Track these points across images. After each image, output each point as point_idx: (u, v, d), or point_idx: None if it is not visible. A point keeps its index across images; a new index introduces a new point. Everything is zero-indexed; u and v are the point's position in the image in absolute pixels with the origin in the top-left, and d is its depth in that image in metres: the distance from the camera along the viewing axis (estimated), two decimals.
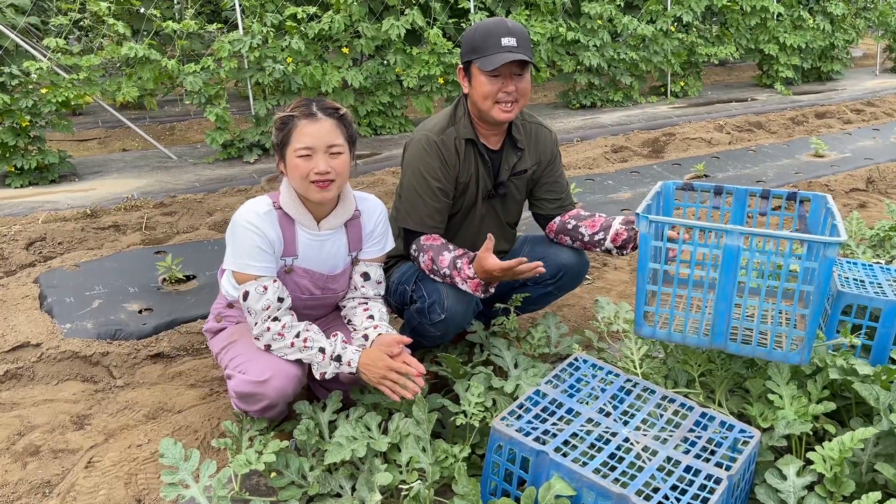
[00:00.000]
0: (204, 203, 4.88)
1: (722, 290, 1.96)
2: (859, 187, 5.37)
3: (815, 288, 1.86)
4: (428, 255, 2.38)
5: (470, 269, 2.32)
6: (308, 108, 2.11)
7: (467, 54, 2.37)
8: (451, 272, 2.35)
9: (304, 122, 2.08)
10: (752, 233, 1.90)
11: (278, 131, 2.12)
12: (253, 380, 2.10)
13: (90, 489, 2.17)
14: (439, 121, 2.48)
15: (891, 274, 2.66)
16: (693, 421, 1.90)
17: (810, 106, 8.24)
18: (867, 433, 1.75)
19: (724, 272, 1.94)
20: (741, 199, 2.45)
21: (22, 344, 2.88)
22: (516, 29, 2.33)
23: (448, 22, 6.86)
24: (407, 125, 6.94)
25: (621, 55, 7.89)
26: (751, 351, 2.01)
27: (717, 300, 1.97)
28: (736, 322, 2.00)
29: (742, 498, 1.84)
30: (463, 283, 2.34)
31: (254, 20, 5.77)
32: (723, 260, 1.93)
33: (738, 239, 1.90)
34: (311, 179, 2.09)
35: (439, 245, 2.40)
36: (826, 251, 1.81)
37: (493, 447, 1.85)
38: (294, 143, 2.09)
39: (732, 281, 1.94)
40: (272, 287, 2.12)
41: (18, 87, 5.00)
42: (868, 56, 12.73)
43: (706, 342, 2.04)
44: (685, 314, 2.07)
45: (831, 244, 1.80)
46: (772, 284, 2.00)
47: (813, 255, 1.87)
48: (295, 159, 2.09)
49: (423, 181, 2.41)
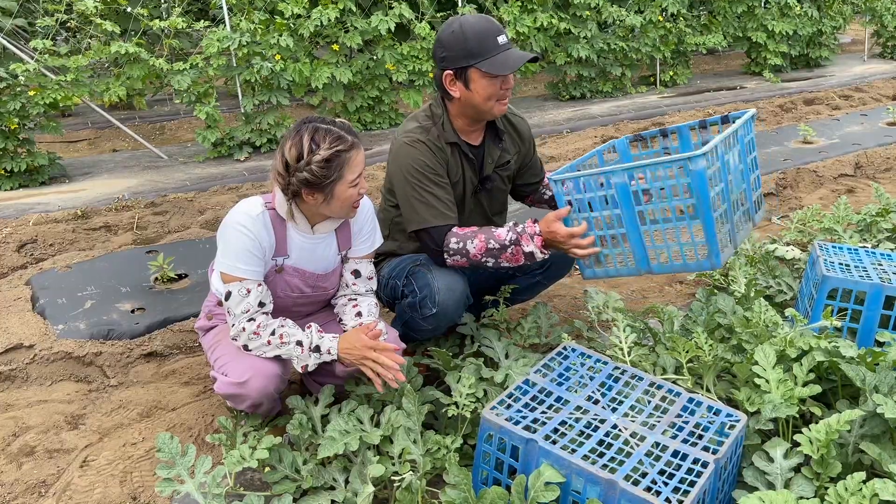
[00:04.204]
0: (195, 202, 4.88)
1: (628, 223, 2.21)
2: (847, 173, 5.40)
3: (696, 198, 2.07)
4: (479, 239, 2.32)
5: (536, 227, 2.30)
6: (347, 139, 2.07)
7: (463, 59, 2.29)
8: (514, 238, 2.30)
9: (353, 154, 2.10)
10: (631, 167, 2.14)
11: (324, 170, 2.04)
12: (233, 381, 2.12)
13: (86, 488, 2.18)
14: (419, 124, 2.43)
15: (876, 258, 2.69)
16: (680, 406, 1.93)
17: (799, 93, 8.27)
18: (853, 415, 1.78)
19: (624, 206, 2.19)
20: (686, 136, 2.57)
21: (15, 346, 2.88)
22: (498, 23, 2.33)
23: (436, 15, 6.85)
24: (397, 119, 6.94)
25: (611, 45, 7.91)
26: (670, 268, 2.26)
27: (628, 232, 2.22)
28: (652, 248, 2.24)
29: (730, 481, 1.86)
30: (528, 243, 2.29)
31: (241, 17, 5.76)
32: (619, 196, 2.17)
33: (622, 176, 2.15)
34: (355, 203, 2.17)
35: (482, 228, 2.37)
36: (691, 165, 2.02)
37: (484, 436, 1.87)
38: (348, 175, 2.09)
39: (632, 212, 2.19)
40: (255, 291, 2.13)
41: (6, 89, 4.98)
42: (856, 42, 12.76)
43: (634, 271, 2.29)
44: (611, 250, 2.29)
45: (694, 157, 2.01)
46: (663, 206, 2.17)
47: (685, 172, 2.06)
48: (349, 190, 2.11)
49: (424, 178, 2.36)
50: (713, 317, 2.49)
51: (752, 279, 2.84)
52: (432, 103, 2.49)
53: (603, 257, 2.32)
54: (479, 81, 2.31)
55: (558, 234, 2.26)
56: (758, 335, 2.28)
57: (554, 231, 2.27)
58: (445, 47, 2.32)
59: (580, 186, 2.24)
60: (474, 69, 2.29)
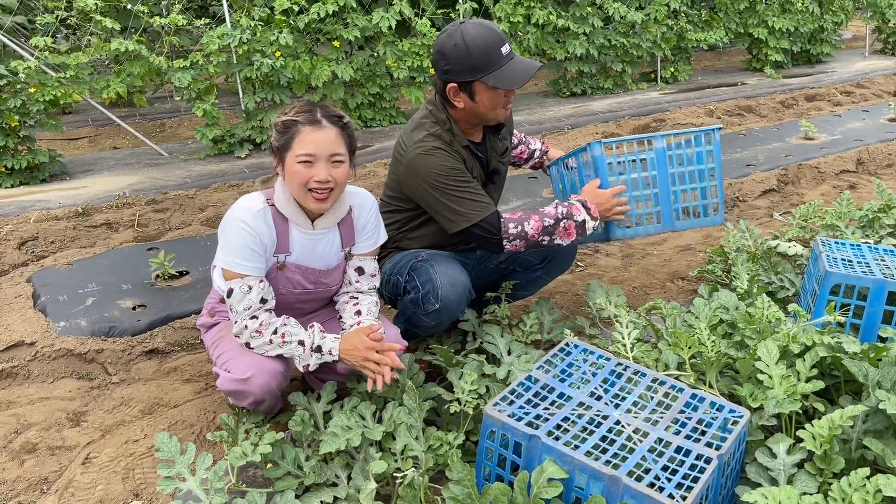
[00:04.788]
0: (195, 199, 4.87)
1: (662, 183, 2.59)
2: (849, 169, 5.40)
3: (716, 161, 2.65)
4: (534, 220, 2.38)
5: (583, 197, 2.44)
6: (312, 114, 2.07)
7: (470, 74, 2.27)
8: (565, 212, 2.39)
9: (308, 129, 2.05)
10: (669, 133, 2.62)
11: (280, 134, 2.07)
12: (236, 378, 2.12)
13: (88, 485, 2.18)
14: (428, 132, 2.39)
15: (878, 253, 2.68)
16: (683, 402, 1.92)
17: (800, 89, 8.25)
18: (856, 410, 1.77)
19: (660, 168, 2.59)
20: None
21: (16, 343, 2.88)
22: (499, 29, 2.32)
23: (437, 12, 6.84)
24: (398, 117, 6.92)
25: (612, 42, 7.89)
26: (690, 224, 2.67)
27: (661, 192, 2.59)
28: (677, 206, 2.62)
29: (733, 477, 1.86)
30: (580, 212, 2.40)
31: (241, 14, 5.75)
32: (657, 159, 2.58)
33: (661, 141, 2.59)
34: (309, 187, 2.08)
35: (530, 210, 2.42)
36: (715, 135, 2.65)
37: (486, 433, 1.87)
38: (296, 148, 2.05)
39: (666, 174, 2.59)
40: (257, 287, 2.13)
41: (7, 86, 4.98)
42: (857, 38, 12.73)
43: (661, 228, 2.62)
44: (643, 211, 2.59)
45: (716, 129, 2.65)
46: (691, 169, 2.64)
47: (712, 141, 2.65)
48: (295, 165, 2.06)
49: (453, 180, 2.34)
50: (715, 313, 2.49)
51: (754, 275, 2.84)
52: (432, 108, 2.44)
53: (633, 217, 2.58)
54: (485, 94, 2.31)
55: (603, 196, 2.44)
56: (760, 331, 2.28)
57: (599, 194, 2.44)
58: (449, 60, 2.29)
59: (617, 154, 2.57)
60: (480, 83, 2.28)
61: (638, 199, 2.56)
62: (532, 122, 6.86)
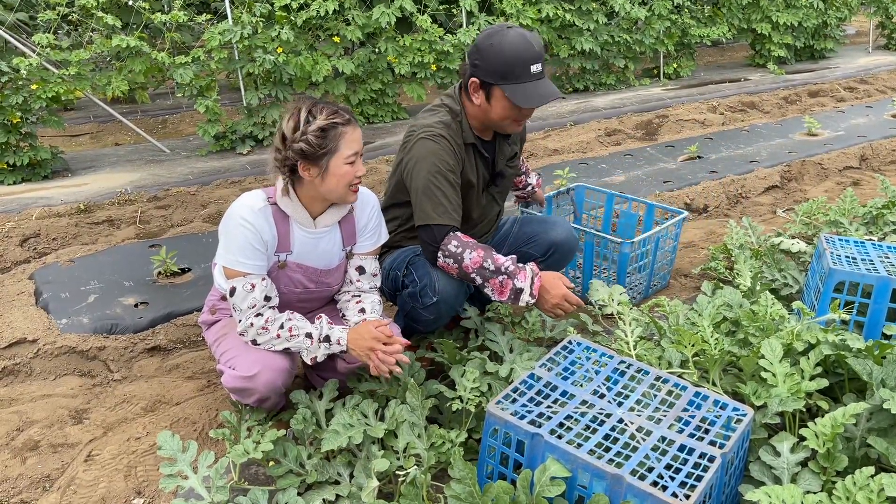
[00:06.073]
0: (198, 196, 4.87)
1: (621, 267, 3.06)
2: (853, 165, 5.38)
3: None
4: (478, 253, 2.28)
5: (538, 269, 2.34)
6: (343, 115, 2.10)
7: (493, 76, 2.29)
8: (511, 269, 2.29)
9: (349, 129, 2.10)
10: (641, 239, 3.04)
11: (320, 139, 2.05)
12: (242, 375, 2.11)
13: (90, 482, 2.18)
14: (439, 119, 2.41)
15: (882, 250, 2.67)
16: (687, 400, 1.91)
17: (803, 85, 8.22)
18: (858, 408, 1.77)
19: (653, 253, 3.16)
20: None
21: (18, 340, 2.88)
22: (539, 47, 2.30)
23: (439, 8, 6.81)
24: (400, 113, 6.91)
25: (615, 38, 7.86)
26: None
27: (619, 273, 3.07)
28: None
29: (736, 475, 1.85)
30: (523, 280, 2.29)
31: (243, 10, 5.73)
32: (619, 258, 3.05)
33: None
34: (352, 184, 2.14)
35: (486, 246, 2.35)
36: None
37: (489, 431, 1.86)
38: (344, 150, 2.09)
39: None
40: (260, 285, 2.12)
41: (8, 83, 4.97)
42: (861, 33, 12.67)
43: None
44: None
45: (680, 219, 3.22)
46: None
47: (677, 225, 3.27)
48: (344, 167, 2.10)
49: (441, 175, 2.35)
50: (719, 310, 2.48)
51: (757, 272, 2.83)
52: (449, 99, 2.47)
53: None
54: (501, 101, 2.32)
55: (556, 288, 2.33)
56: (764, 329, 2.27)
57: (555, 283, 2.33)
58: (480, 56, 2.32)
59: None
60: (499, 88, 2.30)
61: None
62: (535, 119, 6.83)
